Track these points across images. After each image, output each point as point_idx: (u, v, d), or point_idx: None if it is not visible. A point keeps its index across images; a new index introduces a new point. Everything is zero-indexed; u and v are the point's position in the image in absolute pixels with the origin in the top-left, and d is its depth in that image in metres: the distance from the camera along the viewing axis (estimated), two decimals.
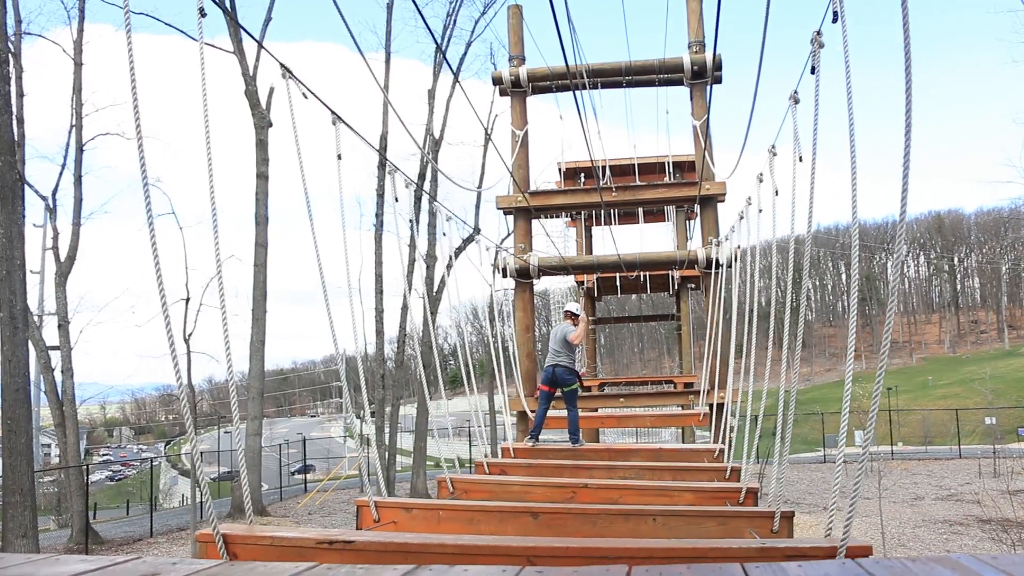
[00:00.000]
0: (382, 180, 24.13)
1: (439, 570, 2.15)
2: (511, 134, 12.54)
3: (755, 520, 3.91)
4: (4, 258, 11.12)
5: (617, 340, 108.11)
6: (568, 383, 8.58)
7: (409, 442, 30.14)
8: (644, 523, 4.07)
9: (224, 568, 2.22)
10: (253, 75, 21.06)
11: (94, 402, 49.50)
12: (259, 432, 21.35)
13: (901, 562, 2.01)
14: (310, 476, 34.43)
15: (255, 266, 20.95)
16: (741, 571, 2.06)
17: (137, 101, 2.92)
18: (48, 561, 2.20)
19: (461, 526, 4.36)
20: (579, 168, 16.94)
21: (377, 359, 26.25)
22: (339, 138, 4.67)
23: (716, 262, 10.31)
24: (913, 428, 45.99)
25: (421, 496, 22.89)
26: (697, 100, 12.00)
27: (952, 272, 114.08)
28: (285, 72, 4.06)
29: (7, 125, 11.38)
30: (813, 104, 3.37)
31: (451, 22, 25.81)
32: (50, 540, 18.12)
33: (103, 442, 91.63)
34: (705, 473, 6.44)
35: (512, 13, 13.21)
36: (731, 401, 7.84)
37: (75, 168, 20.84)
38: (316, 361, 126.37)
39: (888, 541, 14.58)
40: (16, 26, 20.09)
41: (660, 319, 32.89)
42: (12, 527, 11.12)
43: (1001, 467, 22.79)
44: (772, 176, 4.95)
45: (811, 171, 3.56)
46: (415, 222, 22.41)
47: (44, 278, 24.49)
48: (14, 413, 11.11)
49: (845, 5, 2.99)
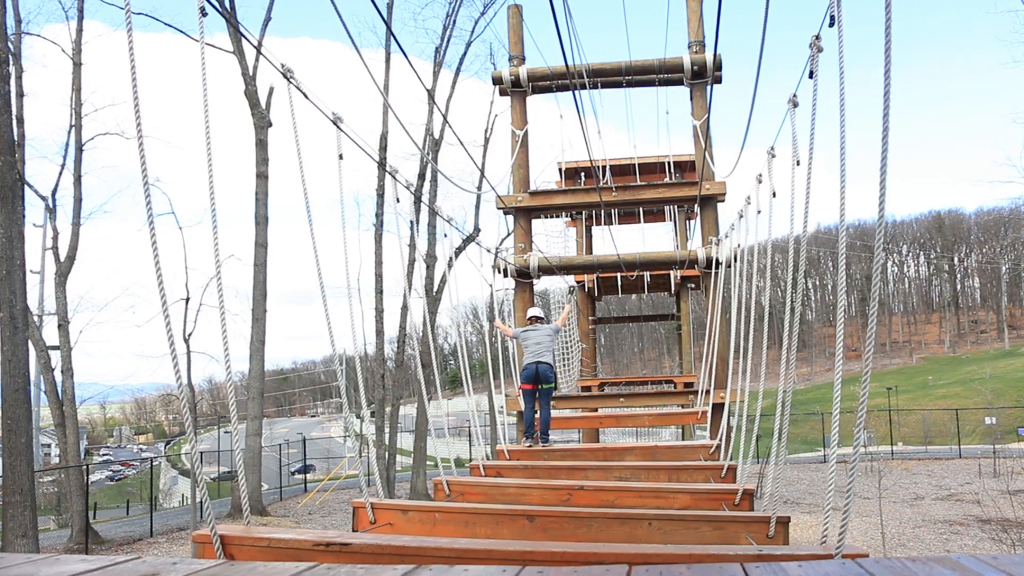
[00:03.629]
0: (382, 180, 24.13)
1: (439, 570, 2.15)
2: (511, 134, 12.54)
3: (751, 525, 3.90)
4: (4, 258, 11.12)
5: (617, 340, 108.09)
6: (549, 380, 8.73)
7: (409, 442, 30.14)
8: (640, 527, 4.07)
9: (224, 568, 2.22)
10: (253, 75, 21.06)
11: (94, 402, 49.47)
12: (259, 432, 21.35)
13: (901, 562, 2.01)
14: (310, 476, 34.44)
15: (255, 266, 20.96)
16: (741, 571, 2.06)
17: (138, 101, 2.91)
18: (48, 561, 2.20)
19: (457, 529, 4.36)
20: (579, 168, 16.93)
21: (377, 359, 26.25)
22: (340, 137, 4.66)
23: (716, 262, 10.31)
24: (913, 428, 45.98)
25: (421, 496, 22.90)
26: (697, 100, 12.00)
27: (952, 272, 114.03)
28: (286, 75, 4.06)
29: (7, 125, 11.37)
30: (811, 108, 3.37)
31: (451, 22, 25.82)
32: (50, 540, 18.12)
33: (103, 442, 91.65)
34: (702, 472, 6.44)
35: (512, 13, 13.21)
36: (730, 401, 7.85)
37: (75, 168, 20.84)
38: (316, 361, 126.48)
39: (888, 541, 14.58)
40: (16, 26, 20.08)
41: (660, 319, 32.89)
42: (12, 527, 11.12)
43: (1001, 467, 22.80)
44: (770, 178, 4.96)
45: (807, 174, 3.56)
46: (415, 222, 22.42)
47: (44, 278, 24.51)
48: (14, 413, 11.12)
49: (843, 10, 2.99)
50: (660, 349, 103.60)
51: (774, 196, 4.94)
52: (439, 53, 25.59)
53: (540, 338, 8.83)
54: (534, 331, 8.96)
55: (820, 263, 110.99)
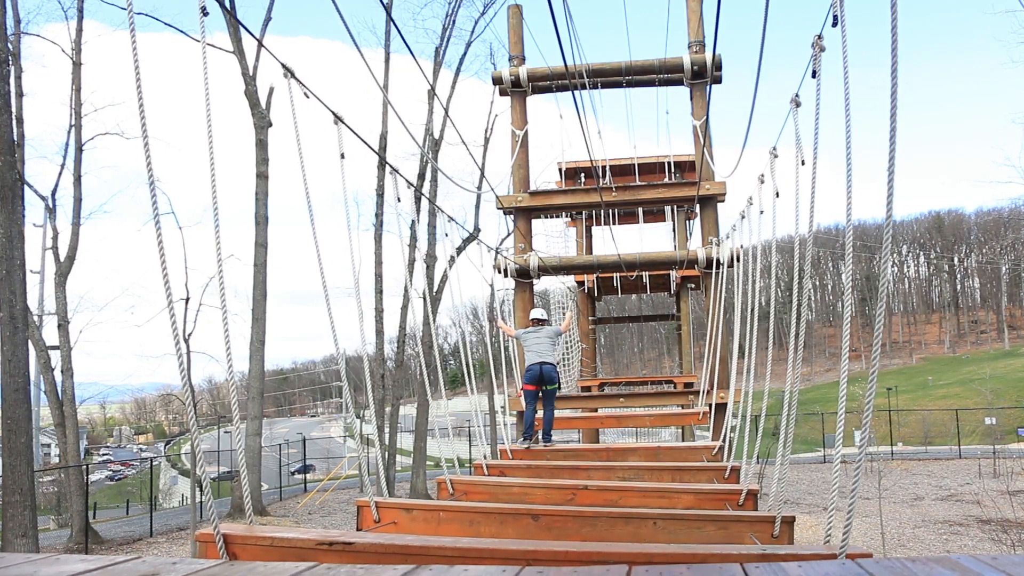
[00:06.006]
0: (382, 180, 24.12)
1: (439, 570, 2.15)
2: (511, 134, 12.54)
3: (756, 525, 3.90)
4: (4, 258, 11.12)
5: (617, 340, 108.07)
6: (553, 381, 8.83)
7: (409, 442, 30.14)
8: (644, 526, 4.07)
9: (224, 568, 2.22)
10: (253, 75, 21.05)
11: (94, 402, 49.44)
12: (259, 432, 21.34)
13: (901, 562, 2.01)
14: (310, 476, 34.44)
15: (255, 266, 20.95)
16: (741, 571, 2.06)
17: (142, 101, 2.91)
18: (48, 561, 2.20)
19: (461, 527, 4.36)
20: (579, 168, 16.92)
21: (377, 359, 26.25)
22: (341, 137, 4.66)
23: (716, 262, 10.31)
24: (913, 428, 45.98)
25: (421, 496, 22.89)
26: (697, 100, 12.00)
27: (952, 272, 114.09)
28: (287, 73, 4.05)
29: (7, 125, 11.37)
30: (814, 108, 3.37)
31: (451, 22, 25.81)
32: (50, 540, 18.12)
33: (103, 442, 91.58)
34: (705, 473, 6.43)
35: (512, 13, 13.21)
36: (732, 401, 7.84)
37: (74, 168, 20.83)
38: (316, 361, 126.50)
39: (888, 541, 14.58)
40: (15, 26, 20.06)
41: (660, 319, 32.88)
42: (12, 527, 11.12)
43: (1001, 467, 22.79)
44: (773, 178, 4.96)
45: (812, 174, 3.56)
46: (415, 222, 22.41)
47: (44, 278, 24.49)
48: (14, 413, 11.11)
49: (846, 9, 2.99)
50: (660, 349, 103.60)
51: (777, 196, 4.93)
52: (439, 53, 25.60)
53: (542, 340, 8.90)
54: (536, 333, 9.00)
55: (820, 263, 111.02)
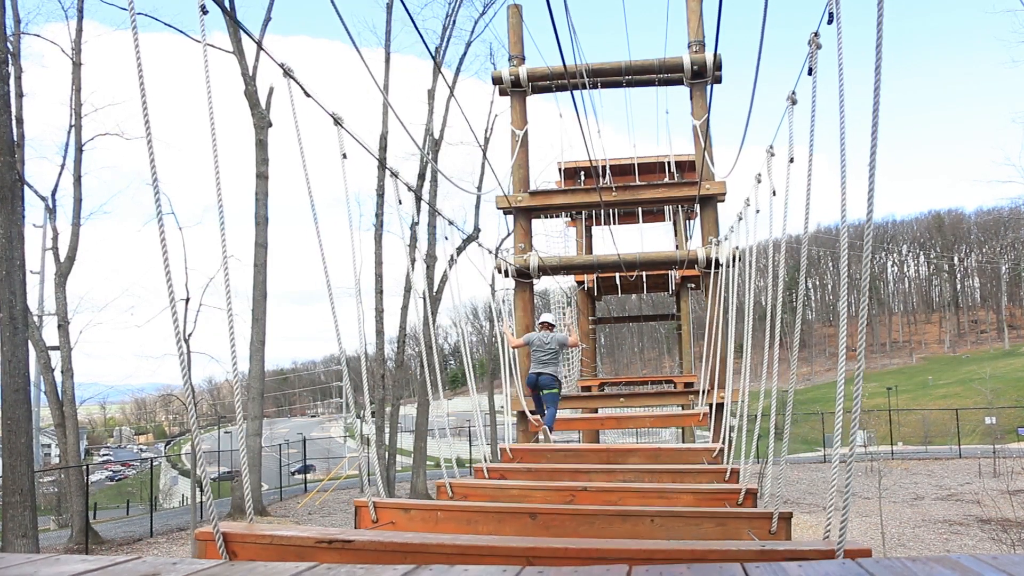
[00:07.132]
0: (382, 180, 24.12)
1: (439, 570, 2.15)
2: (511, 134, 12.54)
3: (753, 521, 3.91)
4: (4, 258, 11.12)
5: (617, 340, 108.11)
6: (551, 387, 9.07)
7: (409, 442, 30.15)
8: (642, 524, 4.08)
9: (224, 568, 2.23)
10: (253, 75, 21.06)
11: (94, 402, 49.47)
12: (259, 432, 21.36)
13: (901, 562, 2.01)
14: (310, 476, 34.44)
15: (255, 266, 20.96)
16: (741, 571, 2.06)
17: (146, 102, 2.90)
18: (48, 561, 2.21)
19: (459, 527, 4.36)
20: (579, 168, 16.92)
21: (377, 359, 26.27)
22: (342, 138, 4.66)
23: (716, 262, 10.31)
24: (913, 428, 45.98)
25: (421, 496, 22.90)
26: (697, 100, 12.00)
27: (952, 272, 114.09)
28: (286, 73, 4.06)
29: (6, 125, 11.38)
30: (810, 105, 3.38)
31: (451, 22, 25.83)
32: (50, 540, 18.12)
33: (103, 442, 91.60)
34: (705, 475, 6.42)
35: (512, 13, 13.22)
36: (731, 401, 7.83)
37: (74, 168, 20.84)
38: (316, 361, 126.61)
39: (888, 541, 14.59)
40: (15, 26, 20.08)
41: (660, 319, 32.89)
42: (12, 527, 11.13)
43: (1001, 467, 22.79)
44: (770, 176, 4.96)
45: (807, 172, 3.57)
46: (415, 223, 22.43)
47: (44, 278, 24.50)
48: (14, 413, 11.12)
49: (841, 8, 3.00)
50: (660, 349, 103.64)
51: (774, 195, 4.94)
52: (439, 53, 25.60)
53: (547, 350, 9.08)
54: (542, 338, 9.14)
55: (820, 263, 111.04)
